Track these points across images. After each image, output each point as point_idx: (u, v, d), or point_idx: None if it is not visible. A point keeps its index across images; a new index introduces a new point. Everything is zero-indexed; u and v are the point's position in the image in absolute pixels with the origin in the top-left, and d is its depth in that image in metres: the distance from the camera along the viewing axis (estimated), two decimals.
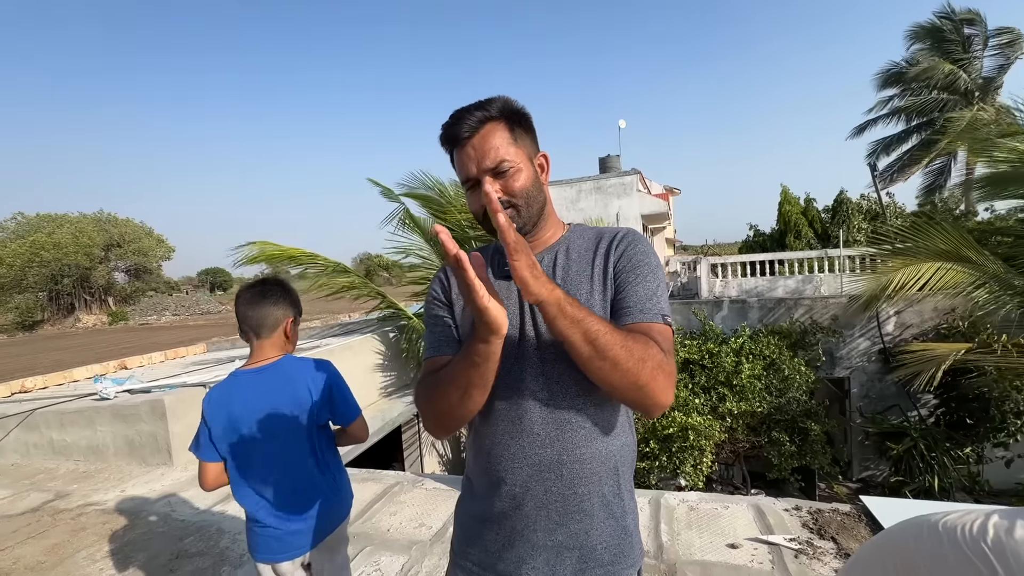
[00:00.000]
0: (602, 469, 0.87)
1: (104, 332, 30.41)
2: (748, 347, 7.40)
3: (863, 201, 14.93)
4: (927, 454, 6.84)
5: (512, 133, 0.88)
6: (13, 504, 3.01)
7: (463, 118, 0.86)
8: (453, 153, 0.90)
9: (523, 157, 0.89)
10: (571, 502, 0.86)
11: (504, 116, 0.88)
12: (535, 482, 0.86)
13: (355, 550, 2.28)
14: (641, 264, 0.89)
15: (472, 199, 0.90)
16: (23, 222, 36.65)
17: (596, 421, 0.87)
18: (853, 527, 2.19)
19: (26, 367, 15.54)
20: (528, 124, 0.92)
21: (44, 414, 3.74)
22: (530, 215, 0.90)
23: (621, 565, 0.88)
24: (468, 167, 0.87)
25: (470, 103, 0.89)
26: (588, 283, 0.90)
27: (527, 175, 0.88)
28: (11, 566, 2.31)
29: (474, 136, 0.86)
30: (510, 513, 0.88)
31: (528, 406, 0.87)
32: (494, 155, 0.85)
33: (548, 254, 0.94)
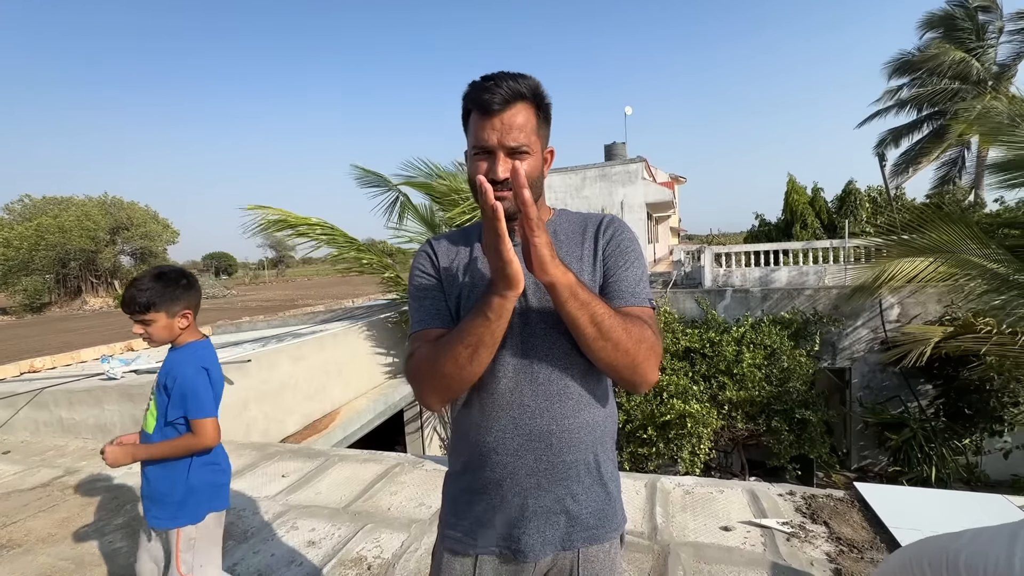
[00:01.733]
0: (589, 437, 0.92)
1: (111, 314, 30.67)
2: (750, 336, 7.41)
3: (872, 192, 14.76)
4: (925, 445, 6.88)
5: (538, 121, 0.90)
6: (24, 479, 3.08)
7: (499, 87, 0.85)
8: (472, 114, 0.90)
9: (538, 147, 0.90)
10: (559, 469, 0.90)
11: (535, 100, 0.89)
12: (526, 451, 0.90)
13: (356, 527, 2.34)
14: (629, 250, 0.94)
15: (475, 165, 0.89)
16: (29, 205, 36.78)
17: (583, 392, 0.92)
18: (846, 512, 2.23)
19: (35, 348, 15.74)
20: (549, 116, 0.94)
21: (53, 393, 3.81)
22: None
23: (605, 529, 0.93)
24: (488, 136, 0.87)
25: (505, 72, 0.89)
26: (577, 264, 0.93)
27: (535, 164, 0.90)
28: (23, 537, 2.38)
29: (506, 110, 0.86)
30: (501, 482, 0.92)
31: (518, 379, 0.90)
32: (518, 136, 0.86)
33: None
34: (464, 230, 1.06)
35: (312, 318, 7.87)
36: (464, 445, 0.98)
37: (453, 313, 0.96)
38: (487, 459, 0.92)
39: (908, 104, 14.67)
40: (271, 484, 2.83)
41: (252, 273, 77.77)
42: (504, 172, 0.86)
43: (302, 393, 4.64)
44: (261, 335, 6.70)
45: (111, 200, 40.06)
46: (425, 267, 1.01)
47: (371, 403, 5.32)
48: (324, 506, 2.56)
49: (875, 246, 7.05)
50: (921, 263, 4.59)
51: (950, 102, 13.96)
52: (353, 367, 5.46)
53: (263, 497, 2.68)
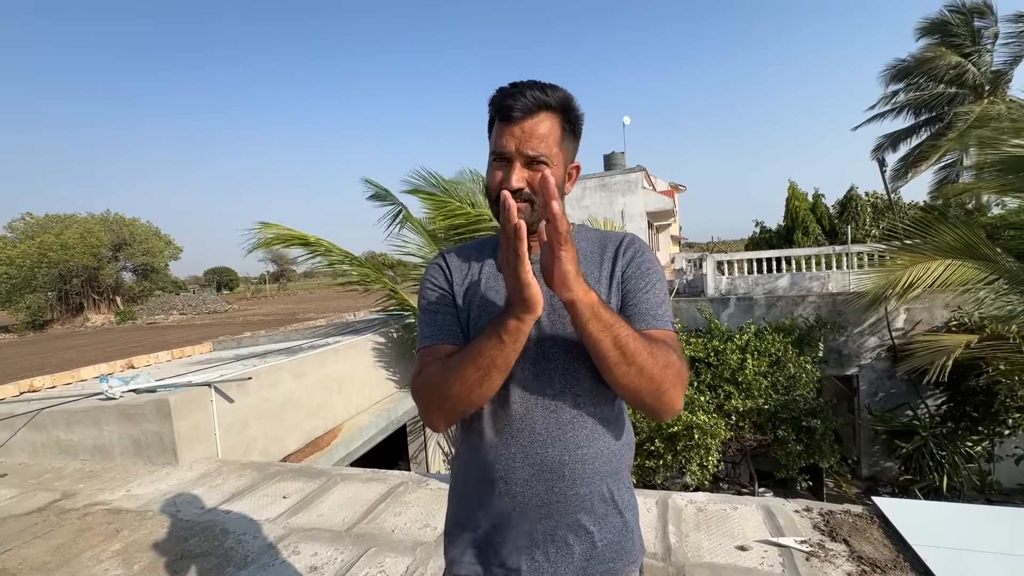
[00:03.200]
0: (604, 467, 0.87)
1: (112, 331, 30.68)
2: (753, 344, 7.34)
3: (873, 198, 14.77)
4: (937, 452, 6.77)
5: (562, 132, 0.86)
6: (20, 503, 3.02)
7: (523, 95, 0.82)
8: (496, 121, 0.87)
9: (560, 159, 0.87)
10: (572, 502, 0.85)
11: (563, 112, 0.86)
12: (536, 481, 0.85)
13: (359, 551, 2.27)
14: (650, 271, 0.91)
15: (494, 172, 0.87)
16: (32, 223, 36.98)
17: (597, 419, 0.87)
18: (865, 529, 2.15)
19: (36, 366, 15.70)
20: (578, 131, 0.90)
21: (51, 413, 3.76)
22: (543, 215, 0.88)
23: (622, 562, 0.88)
24: (507, 143, 0.84)
25: (534, 81, 0.86)
26: (595, 284, 0.89)
27: (556, 177, 0.86)
28: (17, 566, 2.31)
29: (528, 119, 0.83)
30: (509, 513, 0.87)
31: (529, 404, 0.86)
32: (537, 145, 0.83)
33: None
34: (479, 243, 1.02)
35: (313, 332, 7.82)
36: (471, 469, 0.93)
37: (464, 329, 0.92)
38: (494, 487, 0.87)
39: (905, 109, 14.73)
40: (272, 506, 2.76)
41: (253, 287, 77.95)
42: (518, 181, 0.83)
43: (303, 410, 4.58)
44: (262, 350, 6.65)
45: (113, 217, 40.29)
46: (438, 281, 0.97)
47: (373, 419, 5.25)
48: (326, 529, 2.49)
49: (879, 252, 7.02)
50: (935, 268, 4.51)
51: (948, 106, 14.01)
52: (355, 382, 5.40)
53: (264, 520, 2.61)
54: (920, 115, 14.85)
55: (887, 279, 4.98)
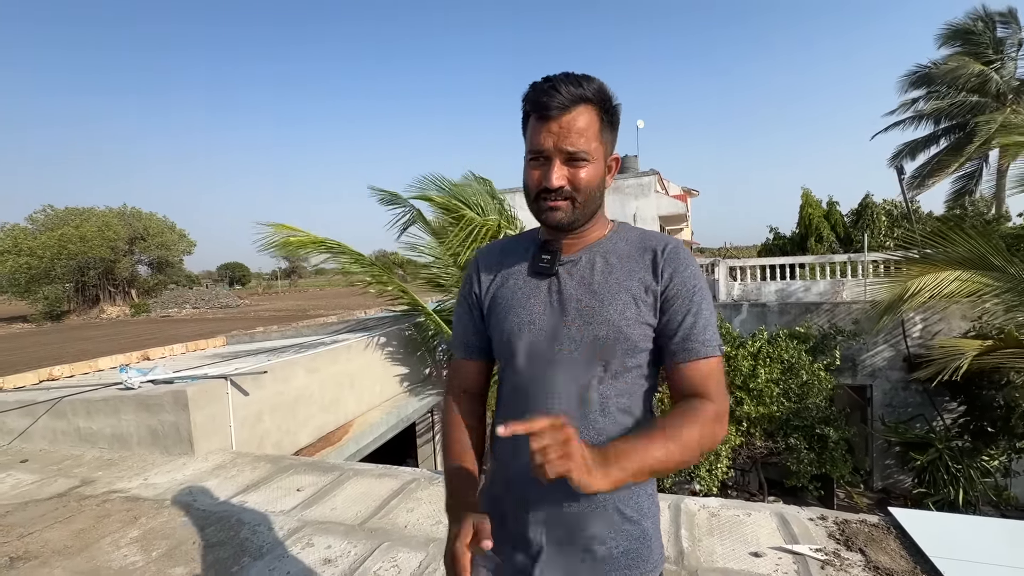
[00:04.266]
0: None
1: (127, 323, 31.17)
2: (766, 351, 7.27)
3: (889, 205, 14.57)
4: (952, 466, 6.65)
5: (601, 124, 0.83)
6: (41, 489, 3.08)
7: (559, 90, 0.79)
8: (530, 117, 0.84)
9: (600, 153, 0.84)
10: (587, 509, 0.85)
11: (599, 103, 0.82)
12: (552, 489, 0.84)
13: (372, 545, 2.29)
14: (696, 290, 0.86)
15: (532, 171, 0.85)
16: (52, 215, 37.69)
17: (616, 429, 0.86)
18: (882, 539, 2.13)
19: (54, 356, 16.00)
20: (616, 121, 0.87)
21: (71, 402, 3.83)
22: (585, 212, 0.87)
23: (639, 569, 0.87)
24: (544, 141, 0.81)
25: (568, 73, 0.82)
26: (626, 295, 0.85)
27: (596, 172, 0.84)
28: (39, 549, 2.36)
29: (565, 114, 0.80)
30: (525, 517, 0.88)
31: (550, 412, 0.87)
32: (576, 141, 0.80)
33: (587, 254, 0.91)
34: (512, 240, 1.01)
35: (325, 329, 7.89)
36: (495, 463, 0.96)
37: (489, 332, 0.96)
38: (511, 485, 0.90)
39: (925, 117, 14.52)
40: (286, 498, 2.80)
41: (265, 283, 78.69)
42: (559, 180, 0.81)
43: (316, 405, 4.63)
44: (274, 345, 6.72)
45: (130, 211, 40.96)
46: (466, 287, 1.00)
47: (384, 416, 5.28)
48: (340, 522, 2.52)
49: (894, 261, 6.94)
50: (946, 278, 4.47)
51: (969, 115, 13.79)
52: (366, 379, 5.44)
53: (278, 512, 2.64)
54: (940, 123, 14.63)
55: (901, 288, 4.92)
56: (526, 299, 0.90)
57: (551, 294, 0.88)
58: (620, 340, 0.83)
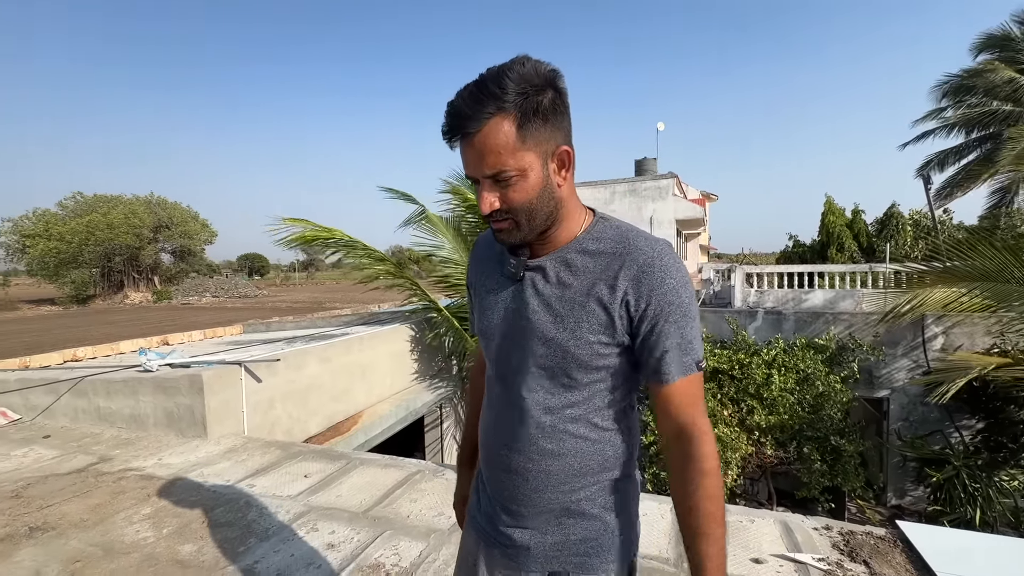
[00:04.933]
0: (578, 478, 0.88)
1: (149, 309, 31.97)
2: (781, 359, 7.16)
3: (917, 215, 14.20)
4: (970, 484, 6.47)
5: (522, 130, 0.73)
6: (61, 464, 3.19)
7: (463, 110, 0.72)
8: (451, 145, 0.79)
9: (531, 159, 0.75)
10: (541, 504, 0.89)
11: (517, 105, 0.71)
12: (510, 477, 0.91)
13: (375, 533, 2.32)
14: (674, 306, 0.79)
15: (477, 196, 0.81)
16: (81, 202, 38.81)
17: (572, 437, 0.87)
18: (888, 552, 2.09)
19: (78, 338, 16.51)
20: (551, 109, 0.75)
21: (92, 382, 3.96)
22: (532, 226, 0.80)
23: (599, 559, 0.89)
24: (467, 168, 0.77)
25: (477, 82, 0.73)
26: (580, 310, 0.80)
27: (532, 183, 0.76)
28: (57, 521, 2.45)
29: (475, 136, 0.73)
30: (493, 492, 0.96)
31: (504, 411, 0.92)
32: (493, 162, 0.73)
33: (552, 261, 0.85)
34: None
35: (339, 321, 8.00)
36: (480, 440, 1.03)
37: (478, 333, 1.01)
38: (485, 466, 0.98)
39: (956, 126, 14.12)
40: (293, 484, 2.86)
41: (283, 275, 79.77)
42: (488, 206, 0.78)
43: (327, 395, 4.70)
44: (289, 335, 6.83)
45: (156, 200, 41.95)
46: (467, 276, 1.07)
47: (393, 408, 5.34)
48: (344, 509, 2.56)
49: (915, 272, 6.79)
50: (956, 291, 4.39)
51: (1002, 124, 13.37)
52: (377, 371, 5.50)
53: (285, 496, 2.70)
54: (972, 133, 14.21)
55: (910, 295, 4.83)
56: (494, 303, 0.91)
57: (514, 301, 0.88)
58: (568, 356, 0.82)
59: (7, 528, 2.38)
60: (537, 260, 0.86)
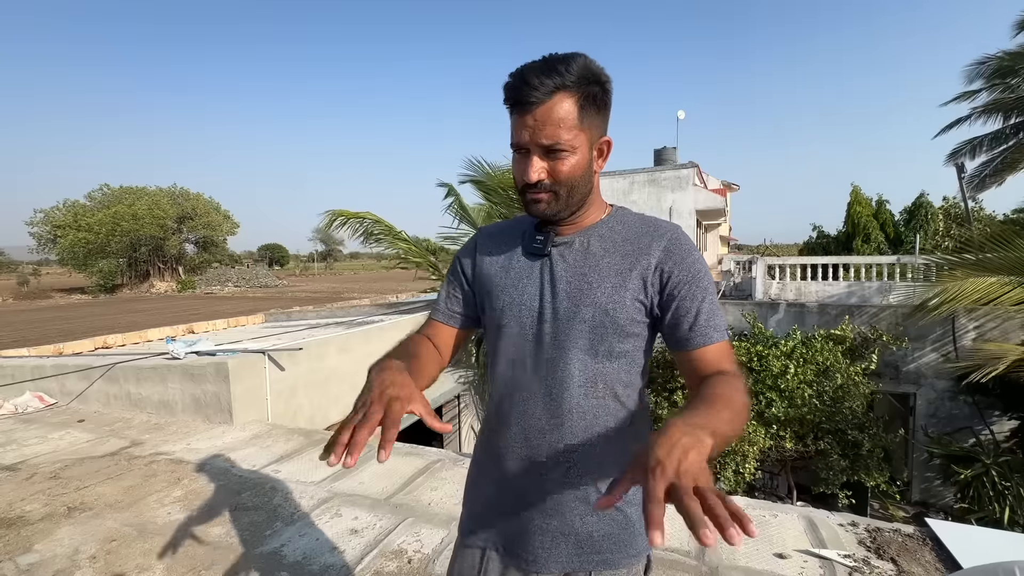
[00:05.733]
0: (604, 460, 0.87)
1: (174, 298, 32.81)
2: (800, 351, 7.03)
3: (948, 205, 13.71)
4: (1000, 483, 6.30)
5: (581, 111, 0.78)
6: (95, 447, 3.31)
7: (532, 82, 0.76)
8: (510, 111, 0.82)
9: (582, 140, 0.80)
10: (567, 490, 0.86)
11: (579, 88, 0.77)
12: (532, 467, 0.88)
13: (397, 520, 2.36)
14: (701, 276, 0.84)
15: (516, 165, 0.84)
16: (108, 193, 39.86)
17: (602, 412, 0.86)
18: (916, 550, 2.05)
19: (108, 326, 17.04)
20: (602, 101, 0.81)
21: (123, 368, 4.08)
22: (569, 203, 0.85)
23: (621, 554, 0.87)
24: (522, 134, 0.80)
25: (544, 60, 0.78)
26: (616, 277, 0.84)
27: (579, 160, 0.81)
28: (93, 501, 2.54)
29: (539, 106, 0.77)
30: (506, 489, 0.91)
31: (532, 392, 0.88)
32: (551, 134, 0.77)
33: (581, 237, 0.89)
34: (515, 220, 1.02)
35: (358, 311, 8.10)
36: (483, 438, 0.99)
37: (480, 308, 0.98)
38: (497, 461, 0.93)
39: (992, 111, 13.53)
40: (317, 470, 2.91)
41: (303, 265, 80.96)
42: (536, 174, 0.80)
43: (347, 383, 4.77)
44: (311, 324, 6.94)
45: (179, 191, 42.84)
46: (462, 259, 1.02)
47: None
48: (366, 496, 2.61)
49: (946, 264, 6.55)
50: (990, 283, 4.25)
51: None
52: None
53: (309, 482, 2.76)
54: (1009, 119, 13.60)
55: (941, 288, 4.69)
56: (518, 279, 0.91)
57: (543, 274, 0.88)
58: (608, 322, 0.83)
59: (47, 508, 2.48)
60: (565, 237, 0.90)
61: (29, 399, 4.24)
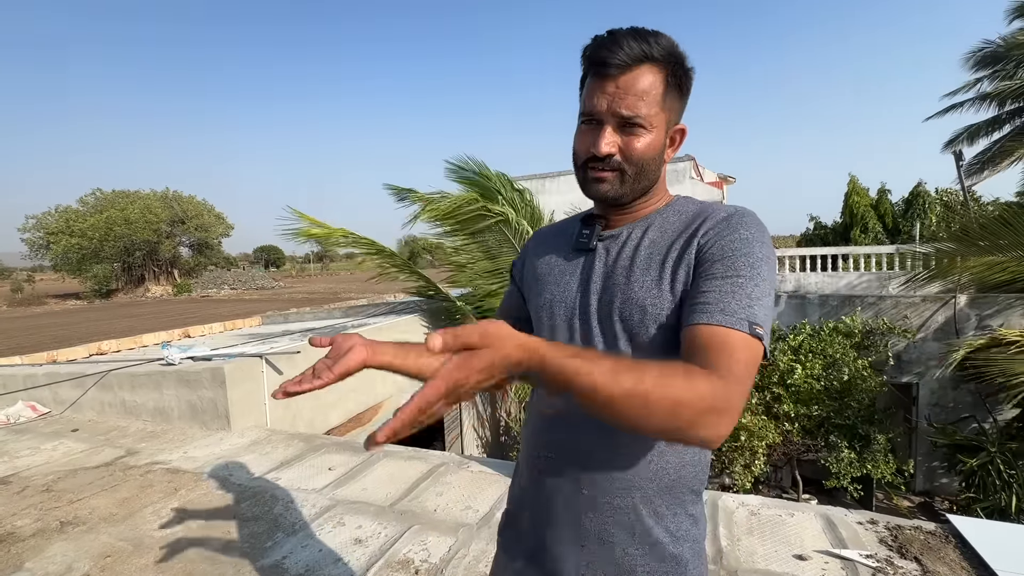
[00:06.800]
0: (649, 481, 0.76)
1: (169, 302, 32.61)
2: (808, 345, 6.98)
3: (944, 194, 13.70)
4: (1005, 471, 6.27)
5: (666, 88, 0.73)
6: (89, 457, 3.22)
7: (623, 45, 0.70)
8: (588, 76, 0.75)
9: (661, 121, 0.74)
10: (606, 512, 0.77)
11: (667, 65, 0.73)
12: (567, 483, 0.79)
13: (402, 527, 2.29)
14: (738, 252, 0.69)
15: (582, 135, 0.77)
16: (101, 198, 39.52)
17: None
18: (940, 548, 1.99)
19: (102, 331, 16.89)
20: (685, 86, 0.76)
21: (118, 375, 3.99)
22: (635, 187, 0.77)
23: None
24: (598, 102, 0.72)
25: (635, 28, 0.73)
26: (657, 268, 0.75)
27: (655, 141, 0.74)
28: (87, 515, 2.46)
29: (625, 73, 0.71)
30: (543, 509, 0.84)
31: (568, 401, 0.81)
32: (633, 105, 0.71)
33: (630, 228, 0.82)
34: (571, 219, 0.95)
35: (356, 312, 8.01)
36: (522, 448, 0.93)
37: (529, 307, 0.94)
38: (528, 473, 0.88)
39: (989, 99, 13.51)
40: (318, 477, 2.84)
41: (299, 266, 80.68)
42: (607, 146, 0.73)
43: (347, 386, 4.67)
44: (308, 326, 6.85)
45: (172, 194, 42.54)
46: (515, 263, 1.01)
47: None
48: (370, 503, 2.53)
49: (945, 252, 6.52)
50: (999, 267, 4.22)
51: None
52: None
53: (310, 490, 2.68)
54: (1005, 106, 13.58)
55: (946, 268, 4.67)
56: (561, 275, 0.87)
57: (585, 270, 0.83)
58: (644, 315, 0.74)
59: (39, 523, 2.40)
60: (614, 230, 0.84)
61: (21, 408, 4.14)
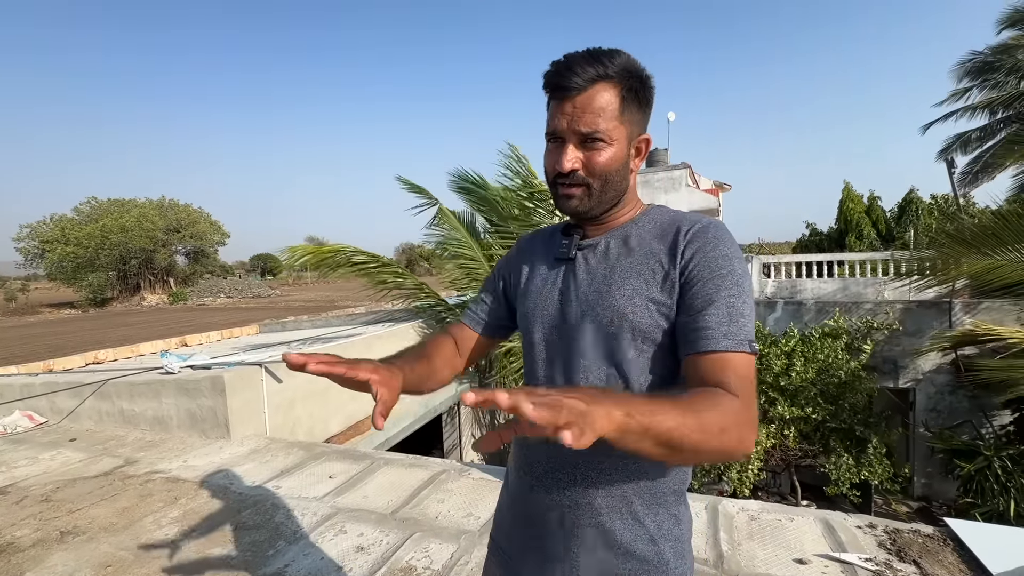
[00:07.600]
0: (630, 481, 0.79)
1: (165, 311, 32.45)
2: (800, 349, 7.02)
3: (939, 200, 13.85)
4: (1003, 475, 6.30)
5: (622, 103, 0.77)
6: (88, 467, 3.21)
7: (575, 69, 0.74)
8: (550, 98, 0.80)
9: (621, 134, 0.78)
10: (587, 511, 0.79)
11: (622, 81, 0.76)
12: (551, 481, 0.82)
13: (404, 535, 2.29)
14: (724, 272, 0.74)
15: (549, 155, 0.81)
16: (96, 206, 39.38)
17: None
18: (938, 551, 2.01)
19: (98, 340, 16.78)
20: (644, 98, 0.80)
21: (116, 384, 3.98)
22: (602, 199, 0.81)
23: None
24: (559, 122, 0.77)
25: (588, 50, 0.77)
26: (637, 279, 0.78)
27: (616, 154, 0.78)
28: (87, 525, 2.45)
29: (580, 94, 0.75)
30: (528, 508, 0.87)
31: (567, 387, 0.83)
32: (591, 121, 0.75)
33: (607, 238, 0.85)
34: (554, 226, 0.98)
35: (353, 319, 8.00)
36: (510, 452, 0.95)
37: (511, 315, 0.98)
38: (514, 476, 0.90)
39: (980, 107, 13.70)
40: (319, 485, 2.83)
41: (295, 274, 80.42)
42: (570, 163, 0.77)
43: (346, 394, 4.68)
44: (306, 335, 6.85)
45: (168, 203, 42.43)
46: (499, 267, 1.02)
47: (412, 406, 5.32)
48: (371, 511, 2.53)
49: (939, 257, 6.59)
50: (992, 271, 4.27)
51: None
52: None
53: (311, 498, 2.68)
54: (997, 114, 13.78)
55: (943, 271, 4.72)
56: (543, 285, 0.89)
57: (565, 280, 0.86)
58: (627, 327, 0.76)
59: (39, 533, 2.39)
60: (592, 239, 0.86)
61: (18, 418, 4.12)
